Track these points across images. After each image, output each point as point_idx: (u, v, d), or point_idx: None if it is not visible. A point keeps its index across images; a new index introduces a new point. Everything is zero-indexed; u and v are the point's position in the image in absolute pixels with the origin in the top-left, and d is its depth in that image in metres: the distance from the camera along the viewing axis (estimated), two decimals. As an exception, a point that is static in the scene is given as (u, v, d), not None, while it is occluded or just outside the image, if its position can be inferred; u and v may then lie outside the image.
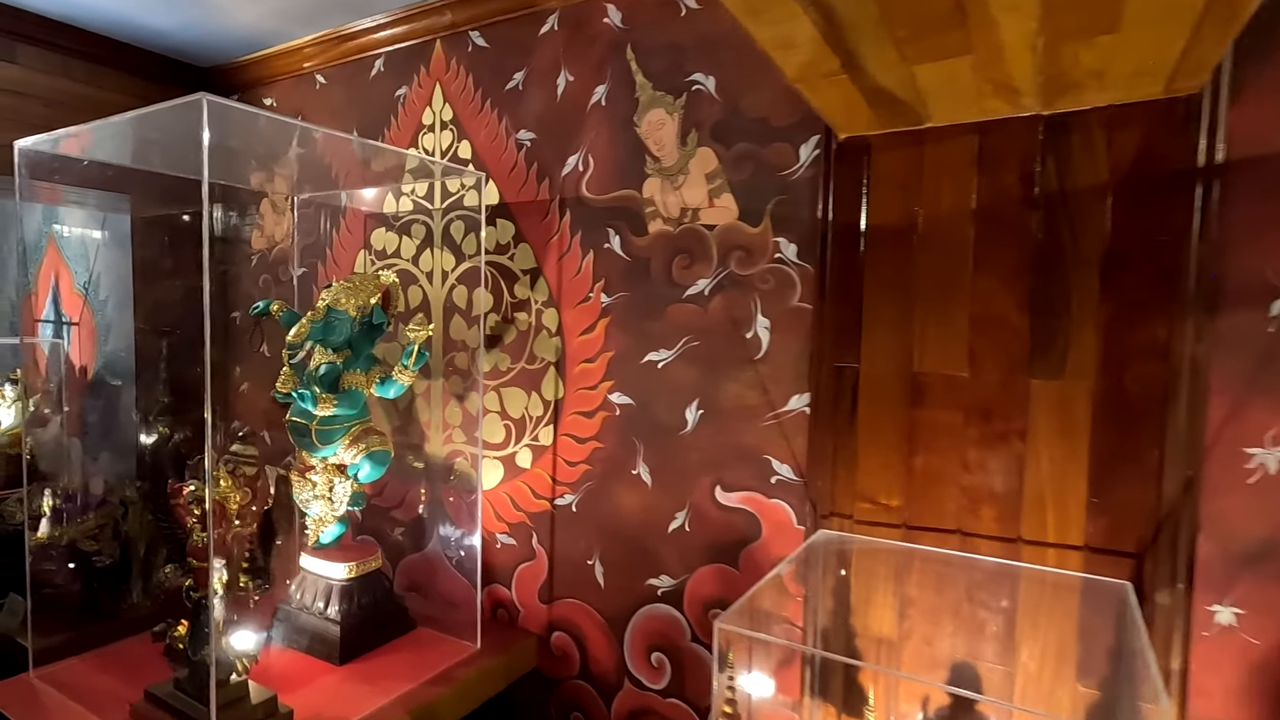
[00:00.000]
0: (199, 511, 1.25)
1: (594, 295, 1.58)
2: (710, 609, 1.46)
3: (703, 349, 1.45)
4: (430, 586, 1.86)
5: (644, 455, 1.53)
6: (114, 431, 2.78)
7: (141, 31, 2.02)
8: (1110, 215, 1.07)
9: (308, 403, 1.47)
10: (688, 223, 1.46)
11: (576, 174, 1.59)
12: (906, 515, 1.24)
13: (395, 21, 1.84)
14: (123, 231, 2.66)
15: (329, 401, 1.48)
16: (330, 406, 1.48)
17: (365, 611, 1.58)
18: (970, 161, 1.16)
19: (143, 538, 2.24)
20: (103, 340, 2.74)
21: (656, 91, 1.48)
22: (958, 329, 1.18)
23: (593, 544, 1.61)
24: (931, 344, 1.20)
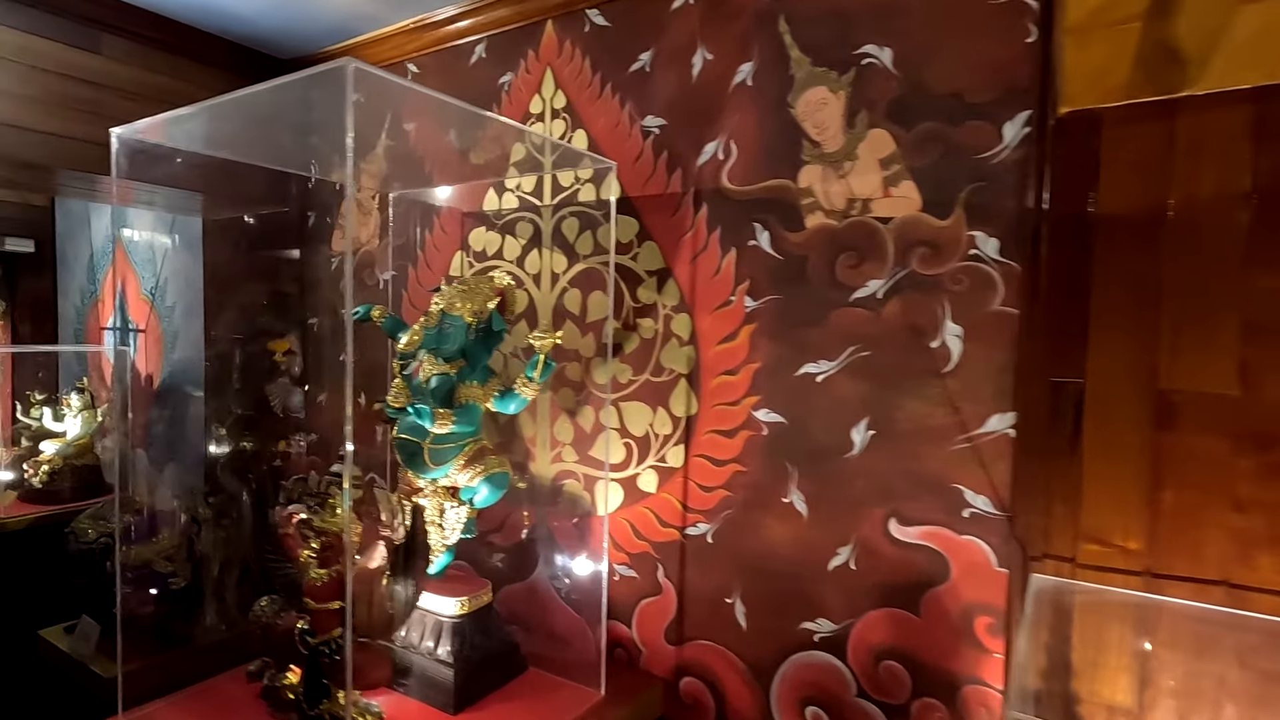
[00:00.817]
0: (317, 545, 1.09)
1: (736, 299, 1.40)
2: (882, 659, 1.26)
3: (875, 360, 1.26)
4: (535, 621, 1.69)
5: (798, 481, 1.34)
6: (181, 443, 2.67)
7: (224, 19, 1.90)
8: None
9: (424, 419, 1.31)
10: (856, 215, 1.27)
11: (715, 163, 1.42)
12: (1150, 561, 1.03)
13: (499, 3, 1.69)
14: (193, 234, 2.56)
15: (447, 418, 1.32)
16: (448, 423, 1.32)
17: (479, 652, 1.41)
18: (1244, 135, 0.96)
19: (216, 558, 2.11)
20: (169, 348, 2.64)
21: (817, 67, 1.30)
22: (1224, 338, 0.98)
23: (732, 580, 1.42)
24: (1186, 355, 1.00)
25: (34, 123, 1.68)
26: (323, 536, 1.09)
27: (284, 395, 2.36)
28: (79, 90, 1.74)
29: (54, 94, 1.70)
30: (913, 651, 1.24)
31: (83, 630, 1.97)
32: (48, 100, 1.69)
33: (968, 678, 1.19)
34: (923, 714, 1.23)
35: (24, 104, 1.66)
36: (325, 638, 1.09)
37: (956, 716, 1.20)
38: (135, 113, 1.82)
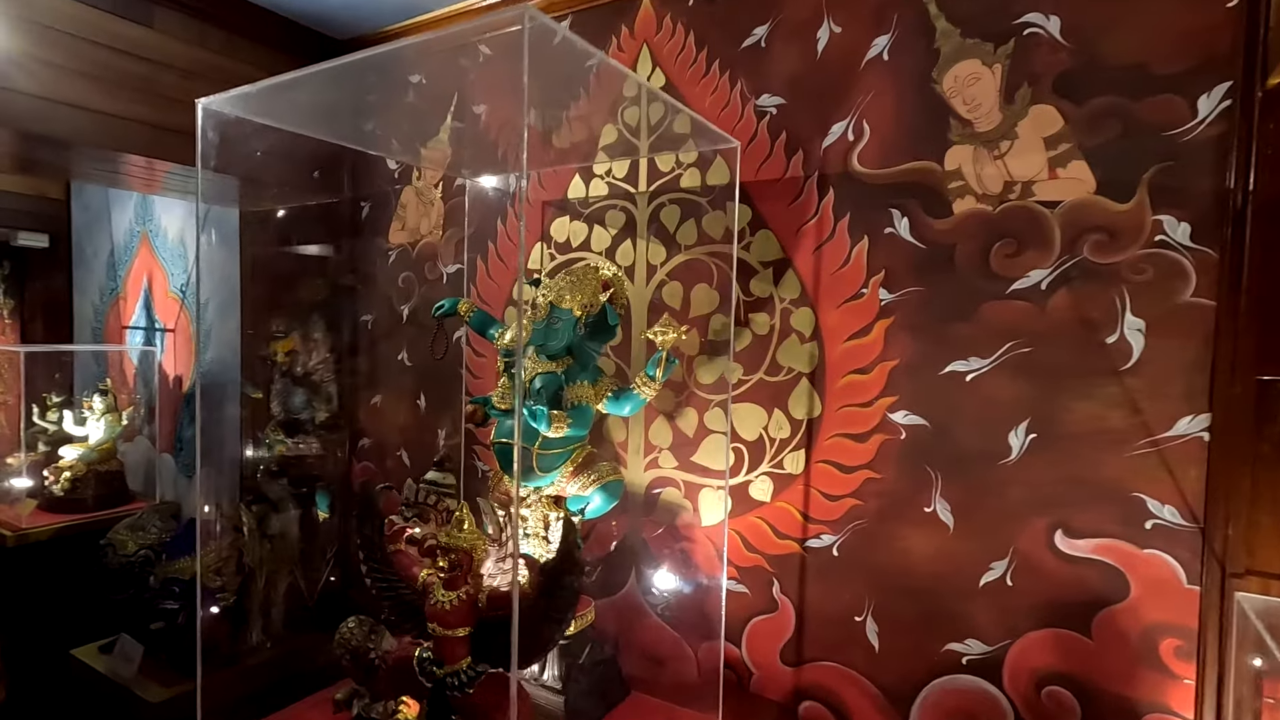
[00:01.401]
0: (444, 563, 0.96)
1: (869, 291, 1.29)
2: (1045, 685, 1.15)
3: (1037, 357, 1.15)
4: (629, 639, 1.57)
5: (942, 489, 1.23)
6: (214, 449, 2.53)
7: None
8: None
9: (538, 421, 1.18)
10: (1014, 199, 1.17)
11: (844, 145, 1.31)
12: (1379, 577, 0.93)
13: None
14: (229, 227, 2.42)
15: (562, 420, 1.19)
16: (564, 426, 1.20)
17: (585, 675, 1.29)
18: None
19: (263, 571, 1.98)
20: (201, 348, 2.50)
21: (968, 39, 1.20)
22: None
23: (863, 596, 1.31)
24: None
25: (81, 99, 1.54)
26: (450, 554, 0.96)
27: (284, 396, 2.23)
28: (130, 66, 1.61)
29: (104, 69, 1.57)
30: (1083, 677, 1.13)
31: (122, 650, 1.83)
32: (97, 76, 1.56)
33: (1151, 705, 1.08)
34: (1094, 745, 1.12)
35: (72, 79, 1.52)
36: (453, 668, 0.97)
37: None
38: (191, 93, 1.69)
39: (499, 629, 0.95)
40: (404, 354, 1.99)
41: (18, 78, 1.43)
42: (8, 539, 2.27)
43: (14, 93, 1.44)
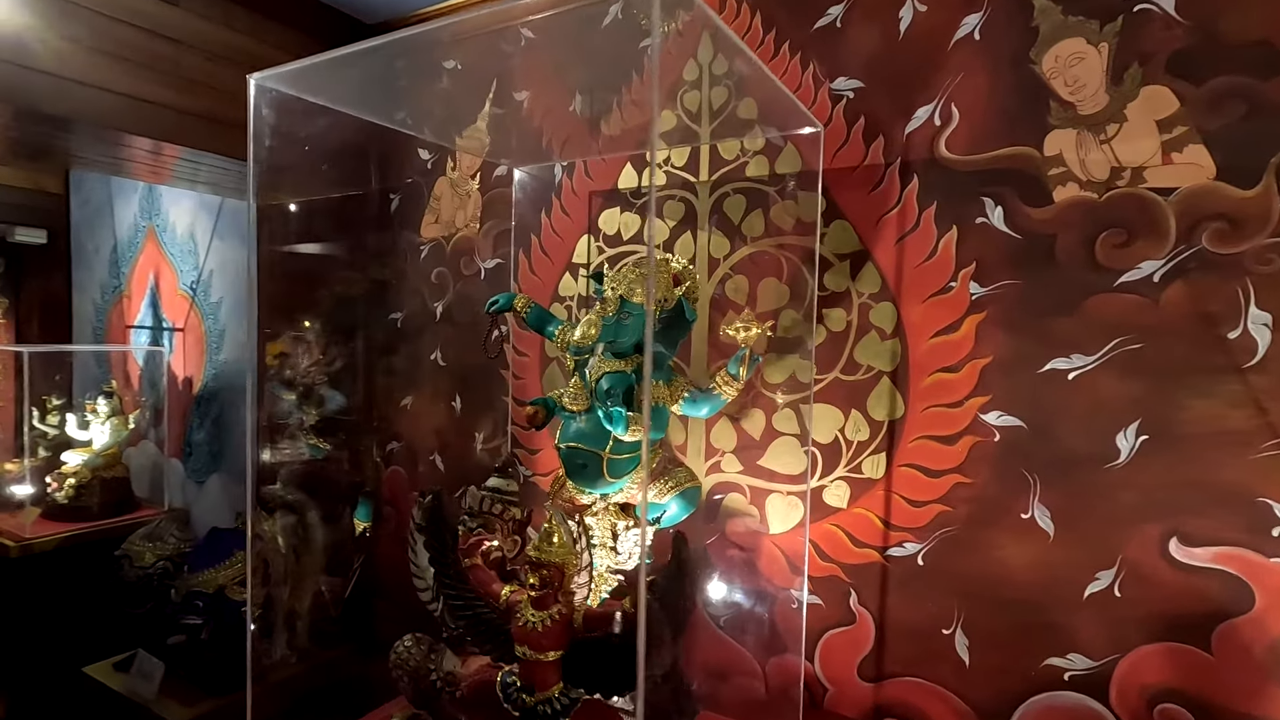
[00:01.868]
0: (535, 580, 0.88)
1: (958, 285, 1.22)
2: (1158, 702, 1.09)
3: (1149, 353, 1.08)
4: (690, 654, 1.48)
5: (1040, 494, 1.16)
6: (227, 453, 2.42)
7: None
8: None
9: (616, 424, 1.10)
10: (1123, 186, 1.10)
11: (930, 130, 1.24)
12: None
13: (643, -45, 1.49)
14: (243, 224, 2.31)
15: (640, 423, 1.11)
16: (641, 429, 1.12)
17: (660, 694, 1.20)
18: None
19: (287, 581, 1.88)
20: (213, 348, 2.40)
21: (1070, 17, 1.13)
22: None
23: (951, 607, 1.24)
24: None
25: (103, 79, 1.44)
26: (541, 570, 0.88)
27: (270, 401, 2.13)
28: (154, 46, 1.51)
29: (126, 48, 1.47)
30: (1202, 693, 1.06)
31: (141, 668, 1.72)
32: (120, 55, 1.46)
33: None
34: (1213, 766, 1.05)
35: (94, 57, 1.42)
36: (545, 695, 0.88)
37: (1260, 770, 1.03)
38: (214, 76, 1.60)
39: (598, 652, 0.87)
40: (437, 353, 1.90)
41: (39, 55, 1.33)
42: (10, 550, 2.15)
43: (33, 71, 1.33)
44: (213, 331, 2.45)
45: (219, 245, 2.42)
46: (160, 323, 2.65)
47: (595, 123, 1.60)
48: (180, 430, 2.59)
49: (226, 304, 2.40)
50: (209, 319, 2.46)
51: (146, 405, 2.68)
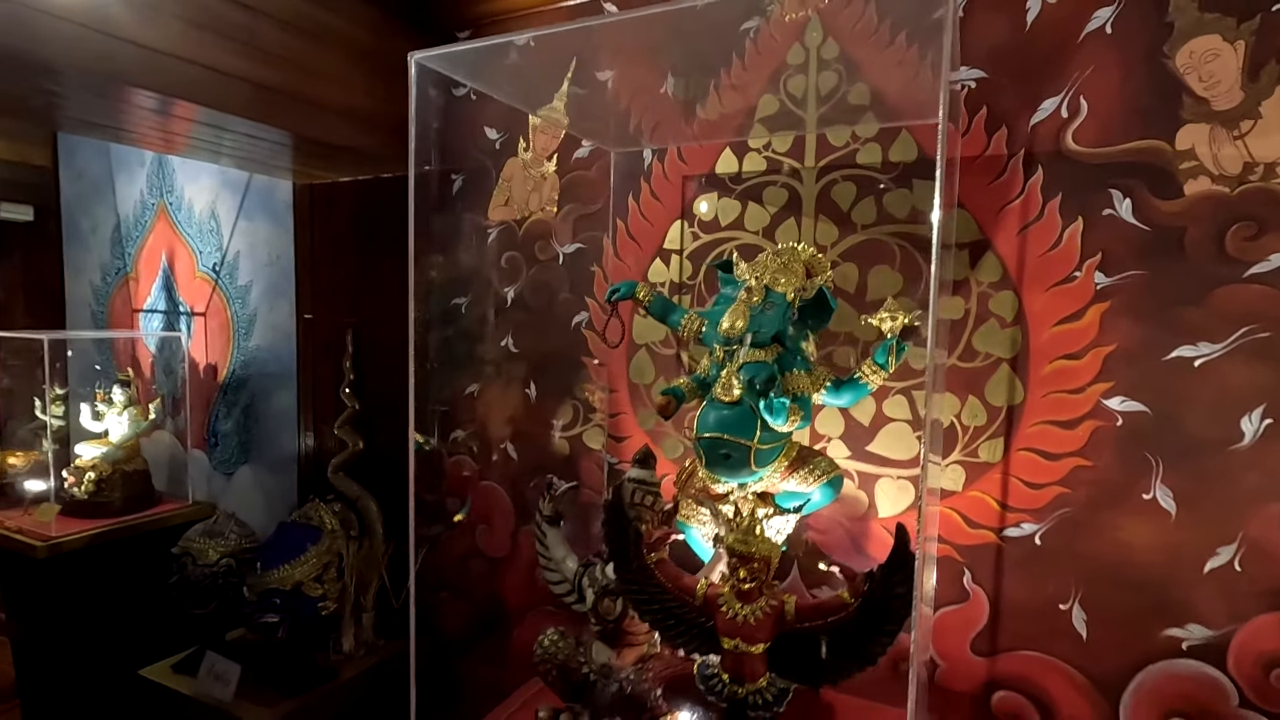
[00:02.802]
0: (745, 573, 0.88)
1: (1083, 274, 1.26)
2: (1275, 668, 1.16)
3: (1277, 341, 1.14)
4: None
5: (1163, 475, 1.22)
6: (261, 443, 2.33)
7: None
8: None
9: (777, 416, 1.10)
10: (1256, 181, 1.14)
11: (1057, 121, 1.26)
12: None
13: (746, -67, 1.47)
14: (277, 202, 2.21)
15: (798, 414, 1.12)
16: (798, 419, 1.12)
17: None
18: None
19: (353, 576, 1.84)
20: (242, 333, 2.30)
21: (1206, 14, 1.16)
22: None
23: (1069, 585, 1.29)
24: None
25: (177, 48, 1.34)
26: (751, 564, 0.88)
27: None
28: (232, 14, 1.41)
29: (204, 14, 1.36)
30: (1316, 658, 1.14)
31: (211, 670, 1.66)
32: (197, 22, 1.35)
33: (1390, 684, 1.10)
34: (1326, 724, 1.14)
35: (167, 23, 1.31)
36: (754, 686, 0.89)
37: (1371, 725, 1.12)
38: (287, 47, 1.51)
39: (810, 643, 0.88)
40: (509, 339, 1.86)
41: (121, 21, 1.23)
42: (38, 549, 2.03)
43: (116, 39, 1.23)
44: (240, 316, 2.34)
45: (246, 225, 2.30)
46: (177, 307, 2.51)
47: (690, 106, 1.57)
48: (203, 420, 2.47)
49: (258, 287, 2.29)
50: (235, 303, 2.34)
51: (163, 394, 2.54)
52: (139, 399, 2.42)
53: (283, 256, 2.22)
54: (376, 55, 1.75)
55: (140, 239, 2.60)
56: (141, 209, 2.58)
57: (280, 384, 2.27)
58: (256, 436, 2.35)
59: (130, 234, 2.63)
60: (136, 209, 2.60)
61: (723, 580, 0.93)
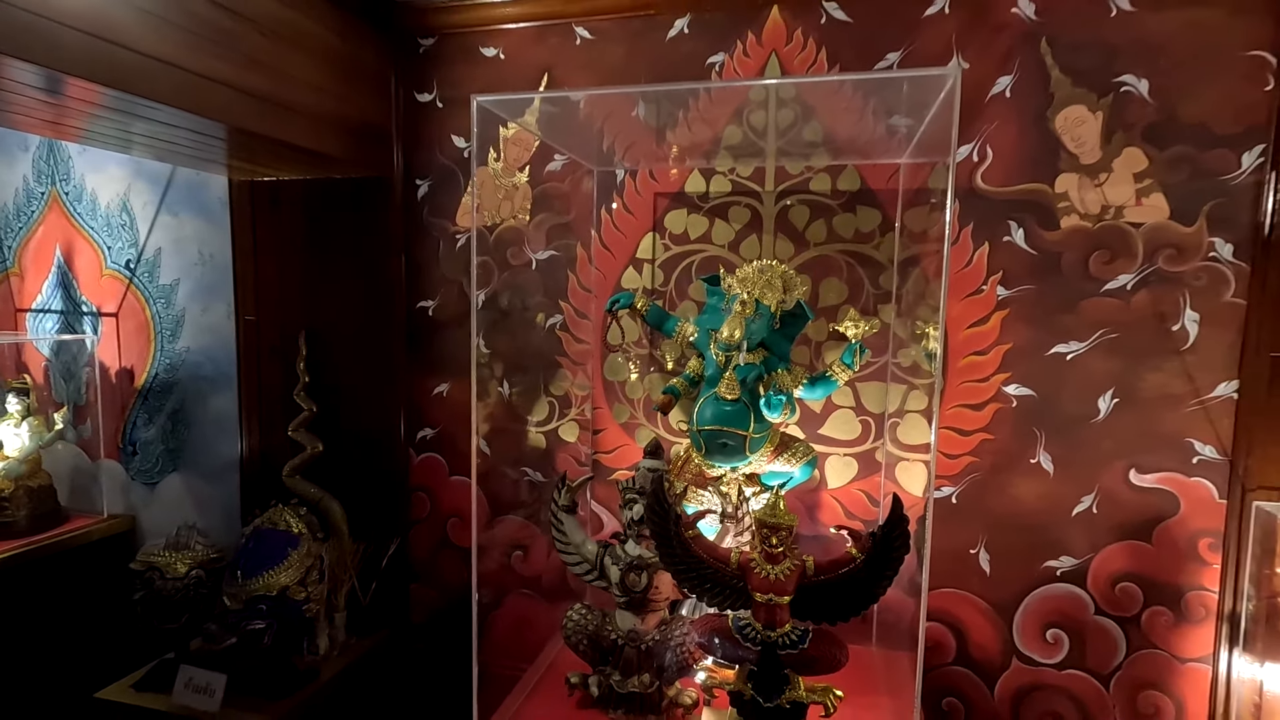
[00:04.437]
0: (775, 540, 1.09)
1: (988, 288, 1.59)
2: (1118, 582, 1.57)
3: (1121, 341, 1.52)
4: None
5: (1045, 444, 1.58)
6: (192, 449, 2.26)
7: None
8: None
9: (774, 410, 1.32)
10: (1110, 219, 1.51)
11: (970, 164, 1.57)
12: (1337, 484, 1.43)
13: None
14: (210, 198, 2.14)
15: (789, 408, 1.34)
16: (789, 412, 1.35)
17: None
18: None
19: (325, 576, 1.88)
20: (165, 335, 2.20)
21: (1077, 88, 1.51)
22: (1403, 323, 1.38)
23: (977, 533, 1.64)
24: (1375, 336, 1.39)
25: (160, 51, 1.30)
26: (780, 532, 1.09)
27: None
28: (218, 18, 1.38)
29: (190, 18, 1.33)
30: (1145, 573, 1.55)
31: (190, 682, 1.65)
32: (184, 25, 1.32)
33: (1190, 586, 1.53)
34: (1151, 620, 1.56)
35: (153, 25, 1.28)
36: (782, 630, 1.10)
37: (1179, 617, 1.54)
38: (271, 54, 1.52)
39: (827, 592, 1.10)
40: (480, 340, 1.94)
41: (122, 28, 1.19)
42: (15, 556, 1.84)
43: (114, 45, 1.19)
44: (164, 317, 2.21)
45: (169, 220, 2.17)
46: (78, 307, 2.31)
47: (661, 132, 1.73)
48: (116, 427, 2.31)
49: (186, 287, 2.17)
50: (157, 303, 2.21)
51: (63, 401, 2.33)
52: (38, 408, 2.22)
53: (217, 255, 2.12)
54: (346, 60, 1.75)
55: (25, 231, 2.34)
56: (26, 198, 2.33)
57: (216, 388, 2.18)
58: (187, 443, 2.24)
59: (10, 225, 2.36)
60: (19, 198, 2.34)
61: (751, 548, 1.13)
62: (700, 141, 1.71)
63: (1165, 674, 1.56)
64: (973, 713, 1.68)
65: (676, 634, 1.28)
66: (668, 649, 1.27)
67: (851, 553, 1.11)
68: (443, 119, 1.91)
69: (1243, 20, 1.42)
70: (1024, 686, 1.64)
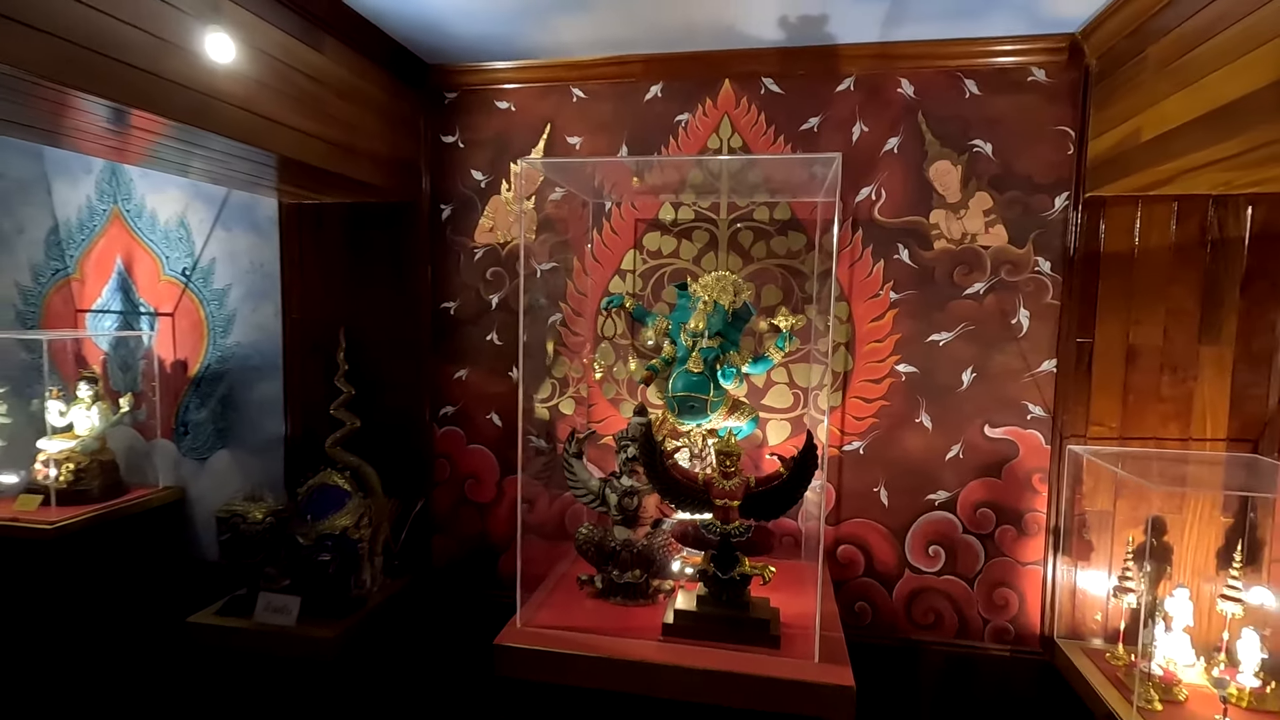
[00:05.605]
0: (729, 463, 1.61)
1: (883, 293, 2.14)
2: (978, 508, 2.14)
3: (977, 331, 2.10)
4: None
5: (926, 408, 2.14)
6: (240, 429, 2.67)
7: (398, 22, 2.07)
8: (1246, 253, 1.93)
9: (728, 379, 1.84)
10: (967, 243, 2.09)
11: (870, 201, 2.13)
12: (1121, 431, 2.03)
13: (680, 59, 2.17)
14: (260, 217, 2.56)
15: (739, 379, 1.87)
16: (739, 382, 1.87)
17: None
18: (1170, 217, 1.96)
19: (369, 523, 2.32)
20: (218, 331, 2.61)
21: (945, 148, 2.08)
22: (1158, 316, 1.98)
23: (878, 476, 2.19)
24: (1142, 325, 1.99)
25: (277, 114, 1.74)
26: (731, 457, 1.60)
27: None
28: (303, 83, 1.83)
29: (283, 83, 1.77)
30: (996, 500, 2.13)
31: (269, 605, 2.07)
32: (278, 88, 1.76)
33: (1027, 509, 2.11)
34: (1001, 535, 2.13)
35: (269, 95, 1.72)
36: (733, 525, 1.61)
37: (1020, 533, 2.12)
38: (343, 111, 1.98)
39: (763, 498, 1.62)
40: (493, 334, 2.41)
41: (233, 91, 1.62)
42: (48, 532, 2.21)
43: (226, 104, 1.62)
44: (217, 316, 2.60)
45: (223, 235, 2.57)
46: (136, 307, 2.68)
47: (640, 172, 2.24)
48: (170, 411, 2.69)
49: (237, 291, 2.58)
50: (211, 304, 2.60)
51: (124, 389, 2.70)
52: (104, 394, 2.59)
53: (266, 264, 2.54)
54: (390, 112, 2.21)
55: (87, 242, 2.71)
56: (89, 214, 2.70)
57: (263, 376, 2.59)
58: (235, 423, 2.63)
59: (74, 237, 2.72)
60: (82, 213, 2.70)
61: (712, 470, 1.64)
62: (670, 182, 2.23)
63: (1011, 575, 2.14)
64: (877, 613, 2.22)
65: (659, 541, 1.78)
66: (654, 551, 1.77)
67: (780, 470, 1.63)
68: (463, 156, 2.39)
69: (1053, 104, 2.01)
70: (914, 590, 2.20)
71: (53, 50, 1.23)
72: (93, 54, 1.29)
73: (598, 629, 1.67)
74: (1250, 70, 1.32)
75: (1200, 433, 1.98)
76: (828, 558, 2.23)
